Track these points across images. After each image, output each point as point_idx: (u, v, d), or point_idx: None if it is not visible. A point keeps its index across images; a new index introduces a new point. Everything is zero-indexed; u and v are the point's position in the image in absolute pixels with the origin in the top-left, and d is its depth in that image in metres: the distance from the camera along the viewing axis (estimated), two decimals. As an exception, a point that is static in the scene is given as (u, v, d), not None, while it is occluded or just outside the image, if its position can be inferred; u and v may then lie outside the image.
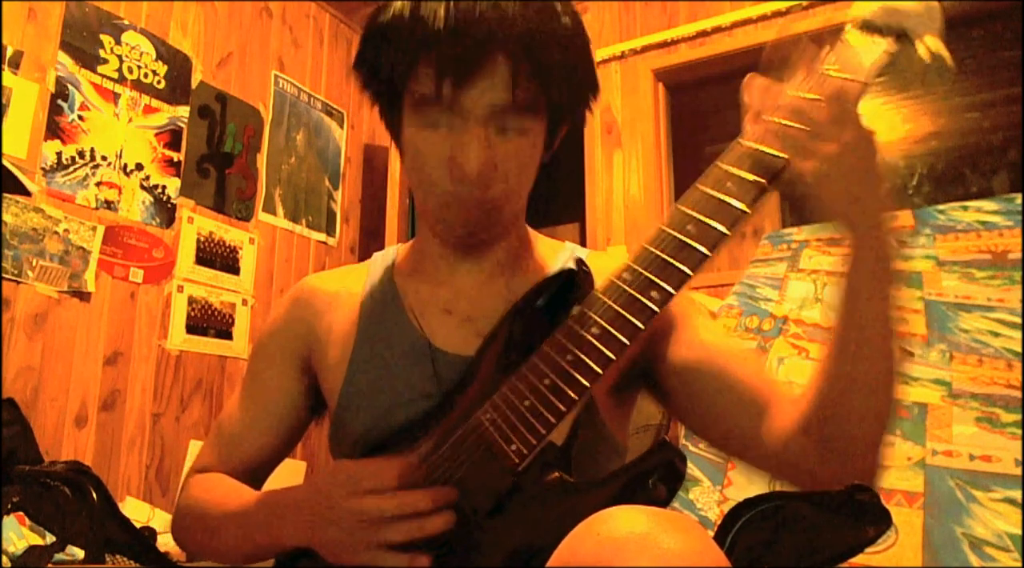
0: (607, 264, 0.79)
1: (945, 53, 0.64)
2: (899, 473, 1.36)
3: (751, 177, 0.61)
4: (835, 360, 0.64)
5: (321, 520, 0.67)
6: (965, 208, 1.80)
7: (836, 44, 0.67)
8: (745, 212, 0.60)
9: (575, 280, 0.71)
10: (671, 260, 0.61)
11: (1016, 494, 1.26)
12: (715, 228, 0.60)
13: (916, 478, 1.34)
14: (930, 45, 0.64)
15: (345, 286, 0.90)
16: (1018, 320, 1.52)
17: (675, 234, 0.62)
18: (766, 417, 0.69)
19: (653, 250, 0.63)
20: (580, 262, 0.72)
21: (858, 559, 0.57)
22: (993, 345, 1.51)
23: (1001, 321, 1.54)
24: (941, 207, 1.84)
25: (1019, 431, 1.34)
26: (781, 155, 0.61)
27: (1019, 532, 1.20)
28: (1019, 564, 1.16)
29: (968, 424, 1.39)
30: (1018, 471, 1.29)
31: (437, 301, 0.84)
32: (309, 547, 0.69)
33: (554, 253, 0.90)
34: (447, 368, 0.78)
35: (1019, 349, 1.47)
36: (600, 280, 0.67)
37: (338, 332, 0.86)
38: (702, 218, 0.61)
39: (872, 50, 0.65)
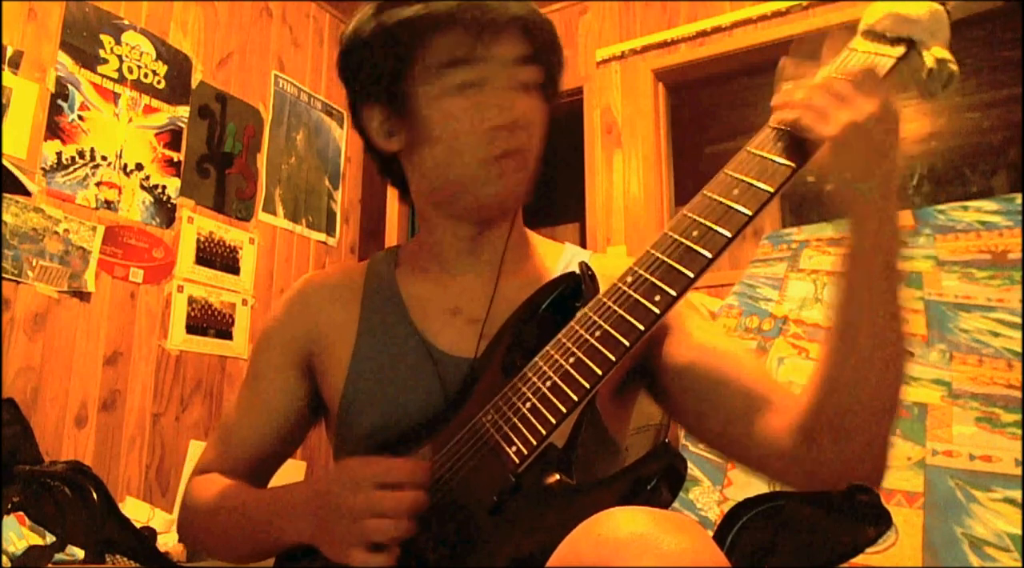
0: (608, 265, 0.79)
1: (952, 63, 0.65)
2: (899, 473, 1.36)
3: (757, 184, 0.61)
4: (839, 356, 0.63)
5: (322, 518, 0.67)
6: (965, 208, 1.80)
7: (844, 52, 0.68)
8: (748, 216, 0.60)
9: (580, 283, 0.71)
10: (675, 264, 0.61)
11: (1016, 494, 1.26)
12: (719, 233, 0.60)
13: (916, 478, 1.34)
14: (936, 54, 0.65)
15: (345, 285, 0.89)
16: (1018, 320, 1.52)
17: (679, 238, 0.62)
18: (761, 416, 0.69)
19: (657, 254, 0.63)
20: (584, 265, 0.72)
21: (858, 559, 0.57)
22: (993, 345, 1.51)
23: (1001, 321, 1.54)
24: (941, 207, 1.84)
25: (1019, 431, 1.34)
26: (787, 163, 0.61)
27: (1019, 532, 1.20)
28: (1019, 564, 1.16)
29: (968, 424, 1.39)
30: (1018, 471, 1.29)
31: (440, 302, 0.84)
32: (310, 544, 0.69)
33: (554, 255, 0.89)
34: (451, 370, 0.78)
35: (1019, 349, 1.47)
36: (601, 281, 0.67)
37: (338, 331, 0.85)
38: (706, 223, 0.61)
39: (879, 59, 0.65)
